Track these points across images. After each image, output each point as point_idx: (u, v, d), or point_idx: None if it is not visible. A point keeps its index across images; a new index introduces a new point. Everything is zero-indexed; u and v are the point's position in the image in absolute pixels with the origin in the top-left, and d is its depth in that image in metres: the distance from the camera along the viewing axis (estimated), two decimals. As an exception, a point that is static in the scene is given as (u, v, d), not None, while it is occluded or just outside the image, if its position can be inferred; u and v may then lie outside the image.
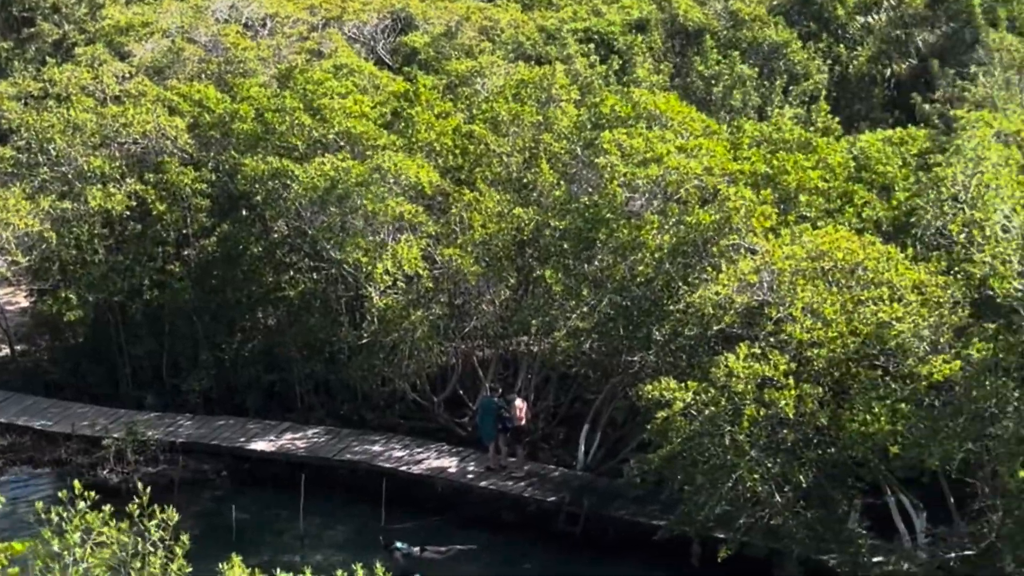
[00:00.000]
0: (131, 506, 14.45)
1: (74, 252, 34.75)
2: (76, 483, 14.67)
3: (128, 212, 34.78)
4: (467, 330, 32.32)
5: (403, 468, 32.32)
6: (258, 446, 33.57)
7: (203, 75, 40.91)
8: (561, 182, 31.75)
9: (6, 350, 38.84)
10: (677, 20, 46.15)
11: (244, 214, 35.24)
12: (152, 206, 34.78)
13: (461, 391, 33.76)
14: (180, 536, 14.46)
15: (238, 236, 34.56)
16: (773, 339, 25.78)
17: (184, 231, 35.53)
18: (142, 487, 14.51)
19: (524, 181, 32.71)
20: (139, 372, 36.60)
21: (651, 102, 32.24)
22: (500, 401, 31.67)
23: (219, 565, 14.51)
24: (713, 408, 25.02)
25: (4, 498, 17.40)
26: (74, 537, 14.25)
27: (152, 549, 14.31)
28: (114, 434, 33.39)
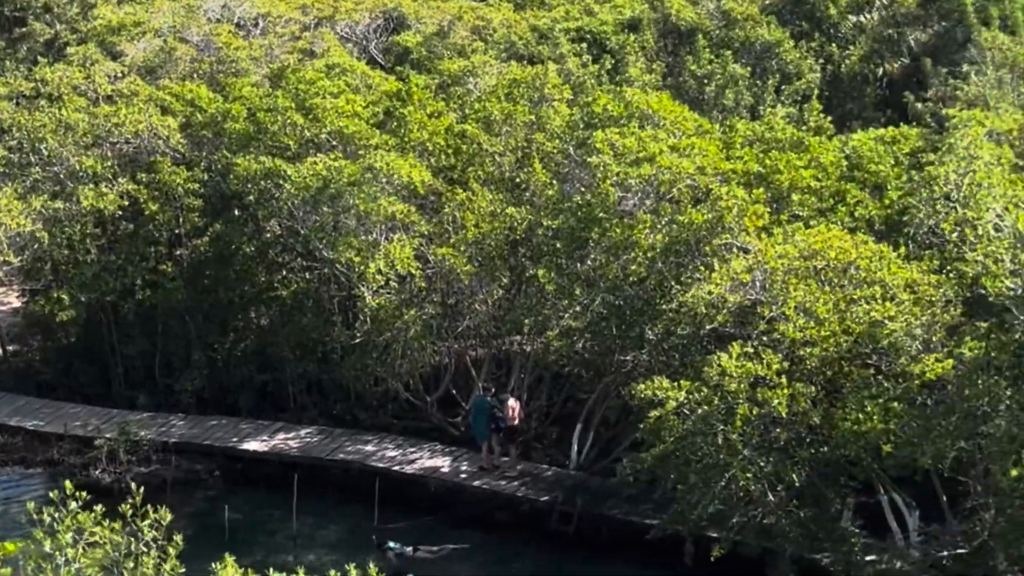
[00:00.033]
0: (124, 506, 14.42)
1: (66, 252, 34.71)
2: (68, 483, 14.63)
3: (120, 212, 34.74)
4: (460, 330, 32.31)
5: (396, 468, 32.31)
6: (251, 446, 33.55)
7: (195, 75, 40.88)
8: (554, 181, 31.75)
9: (-2, 350, 38.87)
10: (669, 19, 46.18)
11: (236, 214, 35.22)
12: (144, 206, 34.75)
13: (454, 391, 33.75)
14: (173, 536, 14.43)
15: (231, 236, 34.52)
16: (766, 338, 25.79)
17: (176, 231, 35.50)
18: (135, 487, 14.48)
19: (517, 181, 32.72)
20: (132, 372, 36.57)
21: (643, 101, 32.24)
22: (493, 400, 31.67)
23: (212, 565, 14.46)
24: (706, 407, 25.02)
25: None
26: (66, 537, 14.21)
27: (145, 549, 14.28)
28: (106, 434, 33.34)
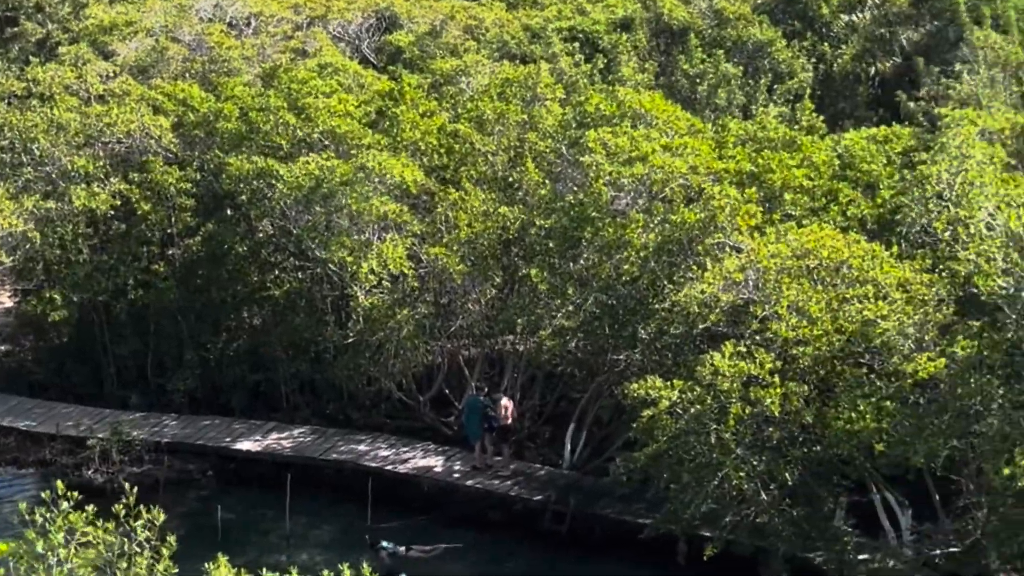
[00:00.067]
0: (117, 506, 14.40)
1: (58, 252, 34.63)
2: (59, 483, 14.62)
3: (112, 212, 34.68)
4: (453, 329, 32.30)
5: (389, 467, 32.29)
6: (244, 446, 33.51)
7: (187, 74, 40.80)
8: (546, 181, 31.74)
9: (-10, 350, 38.81)
10: (662, 19, 46.18)
11: (229, 213, 35.18)
12: (137, 205, 34.69)
13: (447, 390, 33.74)
14: (166, 537, 14.42)
15: (223, 235, 34.48)
16: (758, 337, 25.80)
17: (169, 230, 35.45)
18: (128, 487, 14.46)
19: (509, 180, 32.71)
20: (124, 372, 36.51)
21: (636, 101, 32.25)
22: (486, 400, 31.66)
23: (205, 565, 14.47)
24: (699, 406, 25.03)
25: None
26: (58, 538, 14.19)
27: (138, 550, 14.27)
28: (99, 434, 33.28)
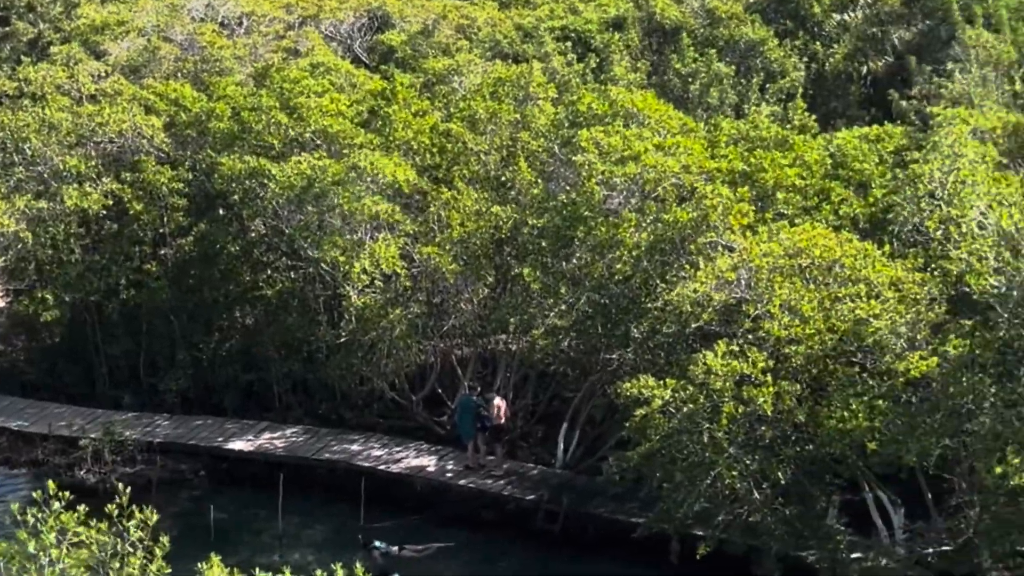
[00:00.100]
0: (110, 506, 14.39)
1: (50, 252, 34.59)
2: (51, 483, 14.61)
3: (104, 211, 34.64)
4: (445, 329, 32.30)
5: (382, 467, 32.27)
6: (236, 446, 33.48)
7: (179, 74, 40.77)
8: (539, 180, 31.75)
9: (-18, 351, 38.74)
10: (654, 18, 46.18)
11: (221, 213, 35.15)
12: (129, 205, 34.65)
13: (440, 390, 33.71)
14: (159, 537, 14.41)
15: (215, 235, 34.45)
16: (751, 336, 25.81)
17: (161, 230, 35.41)
18: (122, 487, 14.45)
19: (502, 179, 32.70)
20: (116, 372, 36.45)
21: (628, 100, 32.26)
22: (479, 399, 31.66)
23: (198, 565, 14.46)
24: (691, 405, 25.03)
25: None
26: (50, 538, 14.18)
27: (131, 550, 14.25)
28: (91, 434, 33.22)
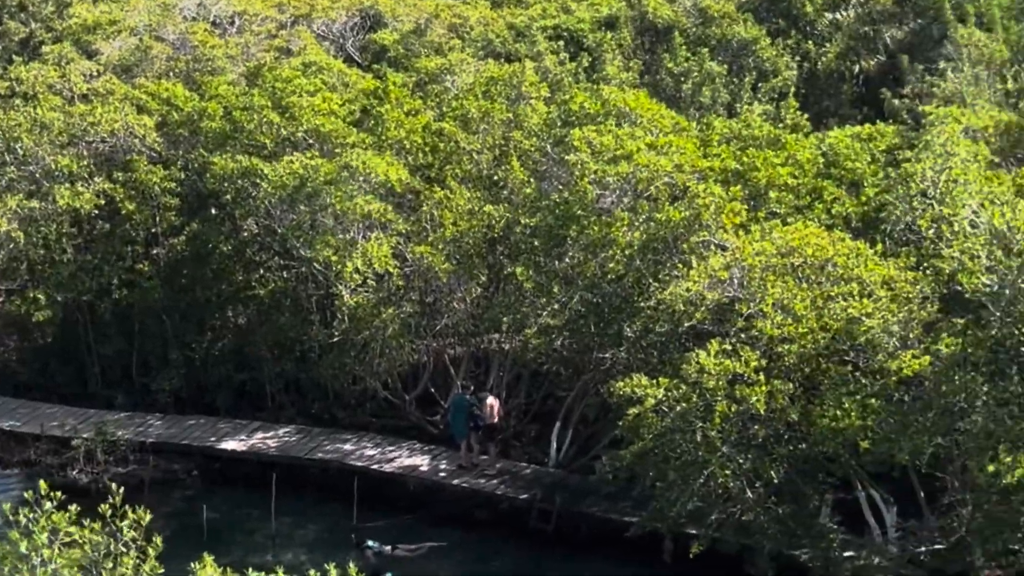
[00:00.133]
0: (103, 506, 14.38)
1: (42, 251, 34.56)
2: (42, 483, 14.60)
3: (96, 211, 34.60)
4: (438, 328, 32.28)
5: (375, 467, 32.25)
6: (229, 445, 33.45)
7: (171, 73, 40.72)
8: (531, 179, 31.75)
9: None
10: (646, 17, 46.18)
11: (213, 213, 35.12)
12: (121, 205, 34.62)
13: (433, 389, 33.71)
14: (152, 536, 14.39)
15: (207, 235, 34.43)
16: (744, 335, 25.83)
17: (153, 230, 35.38)
18: (115, 487, 14.43)
19: (495, 178, 32.70)
20: (108, 372, 36.41)
21: (621, 99, 32.26)
22: (472, 399, 31.66)
23: (191, 565, 14.45)
24: (684, 404, 25.06)
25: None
26: (41, 538, 14.16)
27: (124, 550, 14.24)
28: (84, 434, 33.19)
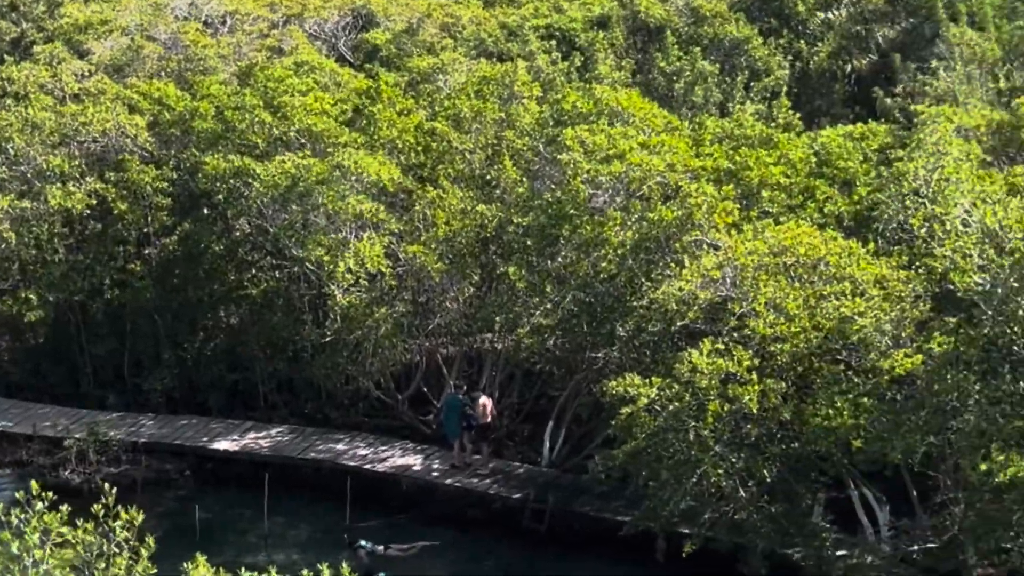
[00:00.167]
0: (96, 507, 14.35)
1: (34, 251, 34.49)
2: (34, 483, 14.57)
3: (88, 211, 34.55)
4: (431, 327, 32.29)
5: (367, 466, 32.23)
6: (221, 445, 33.41)
7: (163, 73, 40.69)
8: (524, 179, 31.75)
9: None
10: (638, 16, 46.20)
11: (205, 212, 35.08)
12: (112, 205, 34.57)
13: (425, 389, 33.70)
14: (145, 537, 14.37)
15: (199, 234, 34.39)
16: (736, 334, 25.84)
17: (145, 230, 35.34)
18: (108, 487, 14.40)
19: (487, 178, 32.70)
20: (100, 372, 36.37)
21: (613, 99, 32.27)
22: (465, 398, 31.64)
23: (183, 565, 14.43)
24: (677, 404, 25.05)
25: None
26: (33, 538, 14.13)
27: (117, 550, 14.21)
28: (76, 434, 33.13)
